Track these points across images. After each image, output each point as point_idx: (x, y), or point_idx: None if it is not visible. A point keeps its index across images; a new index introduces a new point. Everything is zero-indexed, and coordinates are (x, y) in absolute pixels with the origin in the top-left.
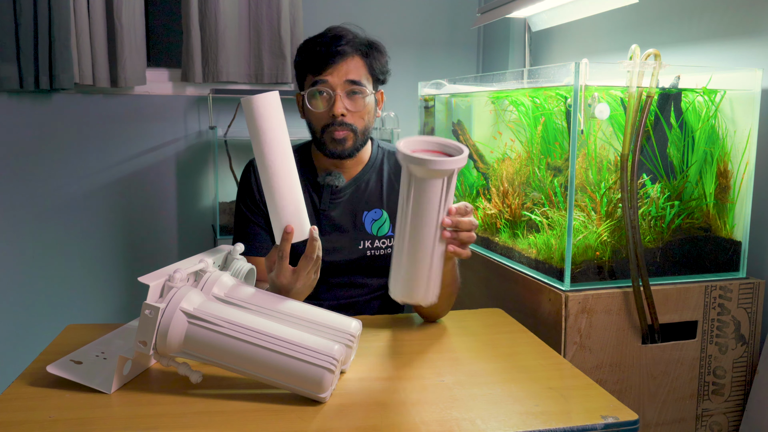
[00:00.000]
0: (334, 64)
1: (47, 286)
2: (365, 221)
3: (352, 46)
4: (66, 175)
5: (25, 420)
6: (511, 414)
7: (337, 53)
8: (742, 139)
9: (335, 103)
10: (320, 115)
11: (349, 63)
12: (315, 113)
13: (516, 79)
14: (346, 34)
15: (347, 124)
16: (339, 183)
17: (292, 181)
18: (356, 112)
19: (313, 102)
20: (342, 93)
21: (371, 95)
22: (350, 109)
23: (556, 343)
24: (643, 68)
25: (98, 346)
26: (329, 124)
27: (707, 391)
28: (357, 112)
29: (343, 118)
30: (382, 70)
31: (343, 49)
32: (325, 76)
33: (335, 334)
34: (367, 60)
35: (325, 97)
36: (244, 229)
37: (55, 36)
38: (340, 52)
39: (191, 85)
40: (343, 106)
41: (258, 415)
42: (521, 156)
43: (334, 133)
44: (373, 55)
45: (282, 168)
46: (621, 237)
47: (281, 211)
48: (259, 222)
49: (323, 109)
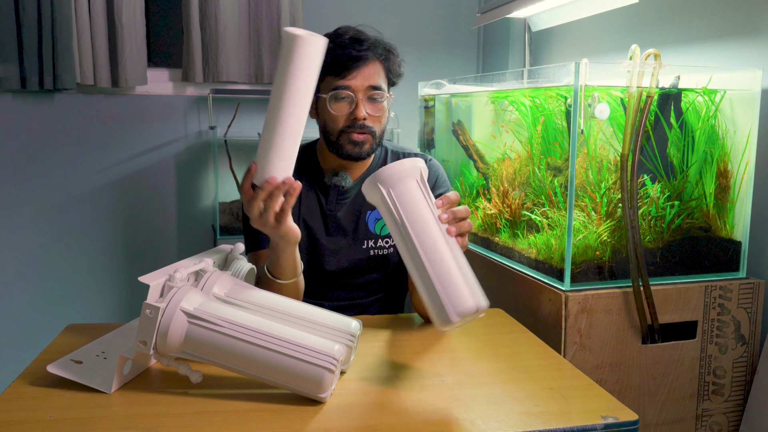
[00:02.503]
0: (358, 68)
1: (47, 285)
2: (369, 221)
3: (374, 52)
4: (67, 175)
5: (25, 420)
6: (511, 414)
7: (359, 58)
8: (742, 139)
9: (357, 108)
10: (339, 118)
11: (370, 68)
12: (334, 115)
13: (516, 79)
14: (367, 37)
15: (368, 127)
16: (346, 183)
17: (298, 128)
18: (375, 116)
19: (334, 105)
20: (363, 97)
21: (388, 99)
22: (371, 113)
23: (556, 343)
24: (643, 68)
25: (98, 345)
26: (348, 126)
27: (707, 391)
28: (376, 116)
29: (364, 122)
30: (397, 73)
31: (366, 54)
32: (348, 81)
33: (335, 334)
34: (385, 64)
35: (347, 101)
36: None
37: (58, 36)
38: (362, 57)
39: (191, 85)
40: (365, 110)
41: (258, 415)
42: (521, 156)
43: (353, 135)
44: (390, 59)
45: (296, 113)
46: (621, 237)
47: (276, 147)
48: None
49: (344, 112)
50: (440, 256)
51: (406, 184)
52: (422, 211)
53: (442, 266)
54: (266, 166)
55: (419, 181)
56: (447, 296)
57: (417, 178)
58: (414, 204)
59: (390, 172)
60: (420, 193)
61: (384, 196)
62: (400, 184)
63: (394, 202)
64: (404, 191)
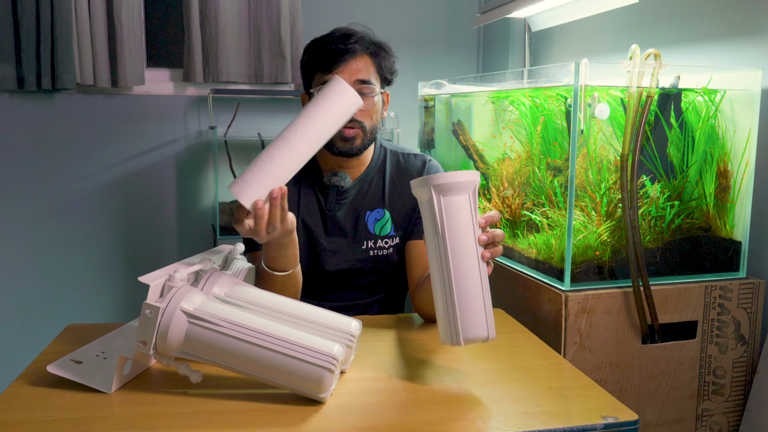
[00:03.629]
0: (344, 62)
1: (47, 286)
2: (368, 221)
3: (361, 45)
4: (66, 175)
5: (25, 420)
6: (511, 414)
7: (347, 51)
8: (742, 139)
9: None
10: None
11: (358, 61)
12: None
13: (516, 79)
14: (355, 32)
15: (357, 121)
16: (345, 183)
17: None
18: (365, 111)
19: None
20: None
21: (379, 95)
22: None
23: (556, 343)
24: (643, 68)
25: (98, 345)
26: None
27: (707, 391)
28: (366, 111)
29: (353, 116)
30: (390, 70)
31: (353, 48)
32: (335, 75)
33: (335, 334)
34: (375, 59)
35: None
36: None
37: (57, 36)
38: (350, 50)
39: (191, 85)
40: None
41: (258, 415)
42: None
43: (343, 130)
44: (381, 55)
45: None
46: (621, 237)
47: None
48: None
49: None
50: (470, 279)
51: (458, 196)
52: (465, 230)
53: (469, 290)
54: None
55: (471, 196)
56: (463, 319)
57: (470, 191)
58: (460, 220)
59: (446, 181)
60: (469, 209)
61: (433, 201)
62: (453, 194)
63: (441, 210)
64: (455, 203)
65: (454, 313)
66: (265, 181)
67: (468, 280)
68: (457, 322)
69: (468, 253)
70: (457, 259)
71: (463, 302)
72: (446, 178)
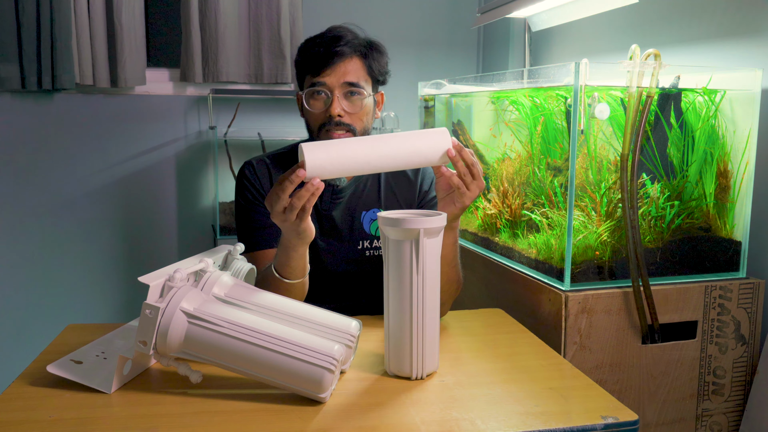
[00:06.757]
0: (333, 65)
1: (47, 286)
2: (363, 221)
3: (351, 47)
4: (66, 175)
5: (25, 420)
6: (511, 414)
7: (335, 54)
8: (742, 139)
9: (332, 104)
10: (317, 115)
11: (347, 64)
12: (312, 113)
13: (516, 79)
14: (346, 34)
15: (345, 124)
16: (340, 183)
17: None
18: (354, 114)
19: (311, 102)
20: (340, 94)
21: (370, 97)
22: (348, 110)
23: (556, 343)
24: (643, 68)
25: (98, 346)
26: (325, 123)
27: (707, 391)
28: (355, 114)
29: (341, 119)
30: (381, 71)
31: (342, 50)
32: (323, 78)
33: (335, 334)
34: (366, 61)
35: (322, 98)
36: (248, 224)
37: (57, 36)
38: (338, 53)
39: (191, 85)
40: (341, 107)
41: (258, 415)
42: (521, 156)
43: (331, 133)
44: (372, 56)
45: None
46: (621, 237)
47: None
48: (262, 214)
49: (321, 109)
50: (434, 318)
51: (438, 237)
52: (437, 269)
53: (431, 328)
54: (325, 161)
55: (441, 235)
56: (418, 356)
57: (443, 231)
58: (436, 261)
59: (435, 225)
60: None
61: (419, 240)
62: (436, 235)
63: (423, 251)
64: (435, 245)
65: (409, 349)
66: (335, 161)
67: (434, 318)
68: (410, 356)
69: (437, 291)
70: (429, 297)
71: (420, 341)
72: (435, 221)
